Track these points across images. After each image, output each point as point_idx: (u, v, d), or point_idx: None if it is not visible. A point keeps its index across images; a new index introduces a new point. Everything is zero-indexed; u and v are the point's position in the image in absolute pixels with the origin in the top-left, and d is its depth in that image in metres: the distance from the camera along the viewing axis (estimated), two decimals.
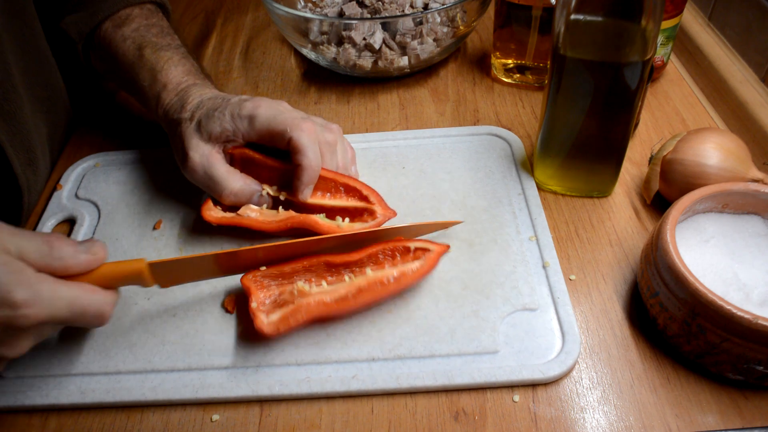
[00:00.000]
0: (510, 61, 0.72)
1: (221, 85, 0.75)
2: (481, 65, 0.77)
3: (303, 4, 0.81)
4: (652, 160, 0.56)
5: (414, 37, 0.71)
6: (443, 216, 0.57)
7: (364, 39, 0.70)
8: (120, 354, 0.48)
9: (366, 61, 0.71)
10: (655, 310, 0.46)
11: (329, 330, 0.48)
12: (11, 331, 0.39)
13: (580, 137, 0.54)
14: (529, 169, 0.61)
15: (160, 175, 0.63)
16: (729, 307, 0.40)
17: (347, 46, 0.70)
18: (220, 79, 0.78)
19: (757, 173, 0.52)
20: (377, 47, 0.70)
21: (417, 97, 0.73)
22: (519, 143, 0.64)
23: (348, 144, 0.60)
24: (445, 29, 0.72)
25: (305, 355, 0.47)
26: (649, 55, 0.48)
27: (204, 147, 0.54)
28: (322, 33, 0.72)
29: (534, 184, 0.59)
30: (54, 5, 0.65)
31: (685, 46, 0.76)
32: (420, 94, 0.73)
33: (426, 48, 0.71)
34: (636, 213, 0.57)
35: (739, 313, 0.40)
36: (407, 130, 0.67)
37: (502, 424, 0.43)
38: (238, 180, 0.54)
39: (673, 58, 0.76)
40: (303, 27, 0.72)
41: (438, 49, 0.72)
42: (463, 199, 0.58)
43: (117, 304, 0.45)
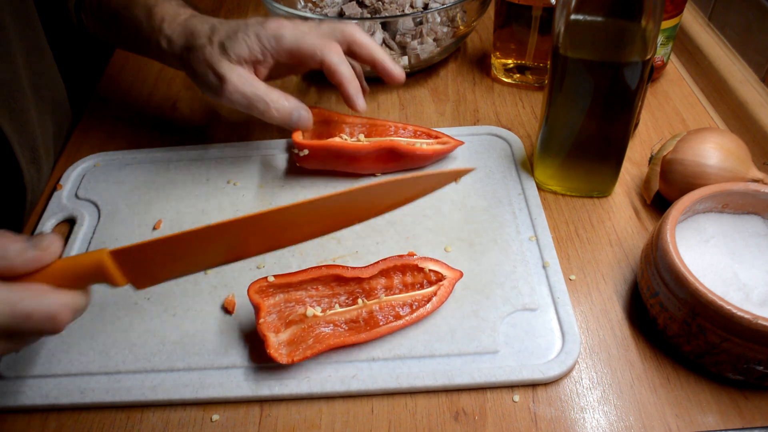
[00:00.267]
0: (510, 61, 0.72)
1: None
2: (481, 65, 0.77)
3: (303, 4, 0.81)
4: (652, 160, 0.56)
5: (414, 37, 0.71)
6: (443, 215, 0.57)
7: None
8: (120, 354, 0.48)
9: None
10: (655, 310, 0.46)
11: None
12: None
13: (580, 137, 0.54)
14: (529, 169, 0.61)
15: (160, 175, 0.63)
16: (729, 307, 0.40)
17: None
18: None
19: (757, 173, 0.52)
20: None
21: (417, 97, 0.73)
22: (519, 143, 0.64)
23: (365, 35, 0.58)
24: (445, 29, 0.72)
25: None
26: (649, 55, 0.48)
27: (238, 68, 0.54)
28: None
29: (534, 184, 0.59)
30: None
31: (685, 46, 0.76)
32: (420, 94, 0.73)
33: (426, 48, 0.71)
34: (636, 213, 0.57)
35: (739, 313, 0.40)
36: None
37: (502, 424, 0.43)
38: (280, 95, 0.55)
39: (673, 58, 0.76)
40: None
41: (438, 49, 0.72)
42: (463, 199, 0.58)
43: (87, 306, 0.40)
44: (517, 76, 0.73)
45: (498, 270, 0.52)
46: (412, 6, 0.76)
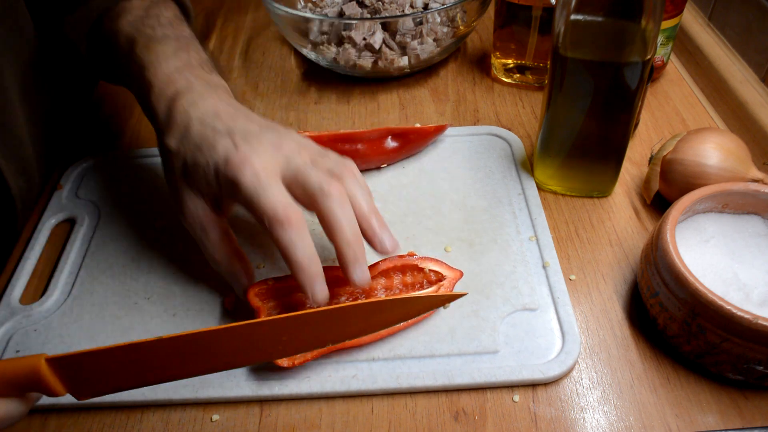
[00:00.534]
0: (510, 61, 0.72)
1: None
2: (481, 65, 0.77)
3: (303, 4, 0.81)
4: (652, 160, 0.56)
5: (414, 37, 0.71)
6: (443, 215, 0.57)
7: (364, 39, 0.70)
8: None
9: (366, 61, 0.71)
10: (655, 310, 0.46)
11: None
12: None
13: (580, 137, 0.54)
14: (529, 169, 0.61)
15: (160, 175, 0.63)
16: (729, 307, 0.40)
17: (347, 46, 0.70)
18: None
19: (757, 173, 0.52)
20: (377, 47, 0.70)
21: (417, 97, 0.73)
22: (519, 143, 0.64)
23: (362, 183, 0.47)
24: (445, 29, 0.72)
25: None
26: (649, 55, 0.48)
27: (197, 201, 0.47)
28: (322, 33, 0.72)
29: (534, 184, 0.59)
30: (51, 6, 0.61)
31: (685, 46, 0.76)
32: (420, 94, 0.73)
33: (426, 48, 0.71)
34: (636, 213, 0.57)
35: (739, 313, 0.40)
36: None
37: (502, 424, 0.43)
38: (224, 256, 0.47)
39: (673, 58, 0.76)
40: (303, 27, 0.72)
41: (438, 49, 0.72)
42: (463, 199, 0.58)
43: (24, 414, 0.36)
44: (517, 76, 0.73)
45: (498, 270, 0.52)
46: (412, 6, 0.76)
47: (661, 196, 0.57)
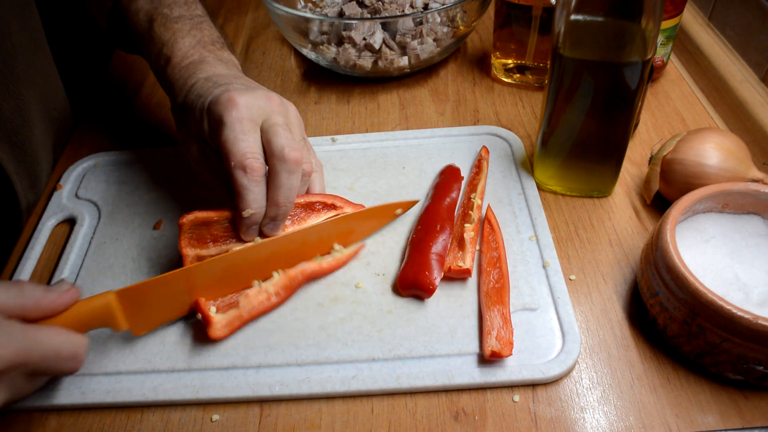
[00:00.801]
0: (510, 61, 0.72)
1: None
2: (481, 65, 0.77)
3: (303, 4, 0.81)
4: (652, 160, 0.56)
5: (414, 37, 0.71)
6: None
7: (364, 39, 0.70)
8: (120, 354, 0.48)
9: (366, 61, 0.71)
10: (655, 310, 0.46)
11: (329, 330, 0.48)
12: None
13: (580, 137, 0.54)
14: (529, 169, 0.61)
15: (160, 175, 0.63)
16: (729, 307, 0.40)
17: (347, 46, 0.70)
18: None
19: (757, 173, 0.52)
20: (377, 47, 0.70)
21: (417, 97, 0.73)
22: (519, 143, 0.64)
23: (316, 160, 0.55)
24: (445, 29, 0.72)
25: (305, 355, 0.47)
26: (649, 55, 0.48)
27: (193, 146, 0.52)
28: (322, 33, 0.72)
29: (534, 184, 0.59)
30: None
31: (685, 46, 0.76)
32: (420, 94, 0.73)
33: (426, 48, 0.71)
34: (636, 213, 0.57)
35: (739, 313, 0.40)
36: (407, 130, 0.67)
37: (502, 424, 0.43)
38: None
39: (673, 58, 0.76)
40: (303, 27, 0.72)
41: (438, 49, 0.72)
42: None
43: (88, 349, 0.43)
44: (517, 76, 0.73)
45: None
46: (412, 6, 0.76)
47: (661, 196, 0.57)
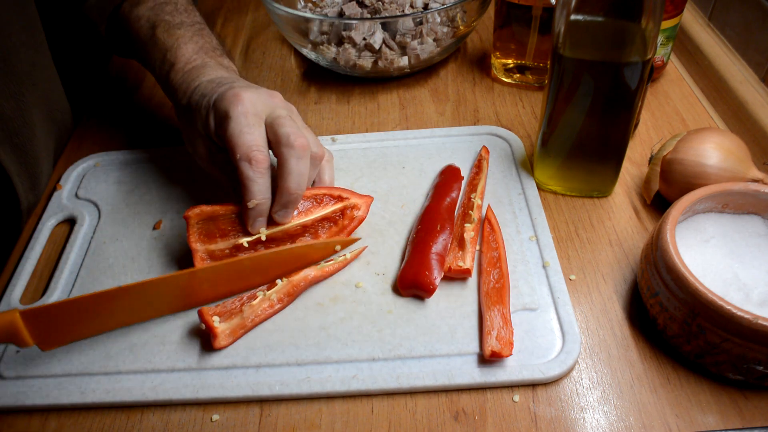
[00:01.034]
0: (510, 61, 0.72)
1: None
2: (481, 65, 0.77)
3: (303, 4, 0.81)
4: (652, 160, 0.56)
5: (414, 37, 0.71)
6: None
7: (364, 39, 0.70)
8: (120, 354, 0.48)
9: (366, 61, 0.71)
10: (655, 310, 0.46)
11: (330, 330, 0.48)
12: None
13: (580, 137, 0.54)
14: (529, 169, 0.61)
15: (160, 175, 0.63)
16: (729, 307, 0.40)
17: (347, 46, 0.70)
18: None
19: (757, 173, 0.52)
20: (377, 47, 0.70)
21: (417, 97, 0.73)
22: (519, 143, 0.64)
23: (328, 154, 0.55)
24: (445, 29, 0.72)
25: (305, 355, 0.47)
26: (649, 55, 0.48)
27: (198, 142, 0.53)
28: (322, 33, 0.72)
29: (534, 184, 0.59)
30: None
31: (685, 46, 0.76)
32: (420, 94, 0.73)
33: (426, 48, 0.71)
34: (636, 213, 0.57)
35: (739, 313, 0.40)
36: (407, 130, 0.67)
37: (502, 424, 0.43)
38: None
39: (673, 58, 0.76)
40: (303, 27, 0.72)
41: (438, 49, 0.72)
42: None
43: None
44: (517, 76, 0.73)
45: None
46: (412, 6, 0.76)
47: (661, 196, 0.57)
